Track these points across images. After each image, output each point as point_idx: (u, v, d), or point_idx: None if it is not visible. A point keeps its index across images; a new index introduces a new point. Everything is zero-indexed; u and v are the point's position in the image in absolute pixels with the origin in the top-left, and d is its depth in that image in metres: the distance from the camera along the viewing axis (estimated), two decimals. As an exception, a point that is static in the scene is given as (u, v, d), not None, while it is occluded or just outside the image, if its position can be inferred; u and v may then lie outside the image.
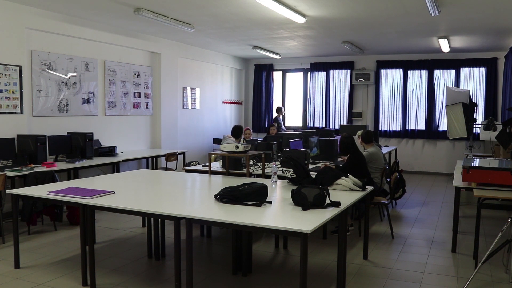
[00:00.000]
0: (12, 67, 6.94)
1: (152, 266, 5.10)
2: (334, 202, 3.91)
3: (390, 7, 7.00)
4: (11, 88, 6.95)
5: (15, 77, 7.00)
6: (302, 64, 13.78)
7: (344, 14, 7.53)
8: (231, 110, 13.81)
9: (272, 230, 3.46)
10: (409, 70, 12.55)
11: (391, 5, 6.91)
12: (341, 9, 7.22)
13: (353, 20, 8.00)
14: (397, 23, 8.28)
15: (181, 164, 9.55)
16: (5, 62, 6.83)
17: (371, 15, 7.59)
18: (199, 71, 12.05)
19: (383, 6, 6.99)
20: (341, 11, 7.35)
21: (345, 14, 7.53)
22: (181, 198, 4.75)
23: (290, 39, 10.16)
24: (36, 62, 7.44)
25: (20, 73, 7.07)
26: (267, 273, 4.85)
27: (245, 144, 5.89)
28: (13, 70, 6.96)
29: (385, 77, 12.85)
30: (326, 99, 13.38)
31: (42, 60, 7.54)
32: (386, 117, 12.90)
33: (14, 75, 6.98)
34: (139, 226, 6.62)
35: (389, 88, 12.83)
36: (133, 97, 9.64)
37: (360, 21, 8.09)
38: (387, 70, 12.81)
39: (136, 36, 9.43)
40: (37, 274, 4.74)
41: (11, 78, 6.93)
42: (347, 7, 7.05)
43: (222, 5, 6.99)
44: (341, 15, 7.64)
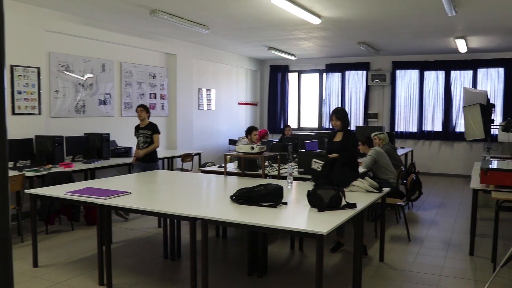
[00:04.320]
0: (30, 69, 7.03)
1: (168, 266, 5.13)
2: (350, 203, 3.90)
3: (406, 7, 6.96)
4: (30, 90, 7.03)
5: (33, 78, 7.08)
6: (318, 65, 13.74)
7: (360, 15, 7.49)
8: (246, 111, 13.82)
9: (287, 232, 3.46)
10: (425, 71, 12.45)
11: (407, 6, 6.87)
12: (357, 10, 7.19)
13: (369, 21, 7.97)
14: (413, 24, 8.22)
15: (196, 165, 9.57)
16: (24, 64, 6.92)
17: (387, 15, 7.55)
18: (215, 72, 12.08)
19: (399, 7, 6.95)
20: (357, 12, 7.32)
21: (361, 15, 7.50)
22: (197, 199, 4.77)
23: (305, 40, 10.14)
24: (54, 64, 7.52)
25: (38, 75, 7.15)
26: (282, 275, 4.84)
27: (260, 145, 5.90)
28: (31, 71, 7.04)
29: (401, 78, 12.76)
30: (342, 100, 13.33)
31: (59, 61, 7.62)
32: (402, 118, 12.81)
33: (32, 77, 7.06)
34: (155, 226, 6.65)
35: (405, 89, 12.74)
36: (149, 98, 9.69)
37: (376, 22, 8.05)
38: (403, 71, 12.72)
39: (152, 38, 9.48)
40: (54, 273, 4.79)
41: (29, 79, 7.02)
42: (362, 8, 7.02)
43: (237, 6, 7.01)
44: (357, 16, 7.61)
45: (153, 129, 7.22)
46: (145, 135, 7.17)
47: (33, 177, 6.15)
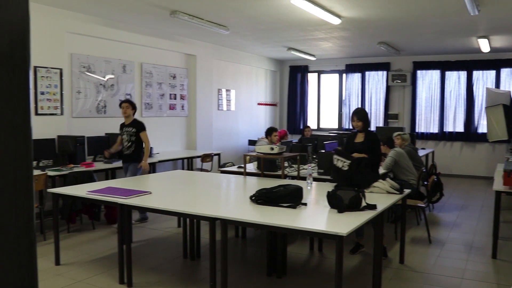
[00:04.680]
0: (53, 70, 7.12)
1: (187, 266, 5.15)
2: (370, 204, 3.87)
3: (428, 7, 6.88)
4: (52, 90, 7.13)
5: (56, 79, 7.18)
6: (337, 65, 13.67)
7: (380, 14, 7.44)
8: (266, 112, 13.82)
9: (307, 232, 3.45)
10: (447, 71, 12.29)
11: (429, 5, 6.79)
12: (377, 10, 7.14)
13: (389, 20, 7.90)
14: (434, 23, 8.13)
15: (216, 165, 9.61)
16: (47, 65, 7.02)
17: (407, 15, 7.48)
18: (234, 73, 12.11)
19: (420, 6, 6.88)
20: (377, 12, 7.27)
21: (381, 14, 7.44)
22: (216, 199, 4.78)
23: (325, 40, 10.11)
24: (76, 65, 7.61)
25: (60, 76, 7.25)
26: (301, 275, 4.83)
27: (280, 146, 5.89)
28: (54, 72, 7.14)
29: (422, 78, 12.63)
30: (362, 100, 13.24)
31: (81, 62, 7.71)
32: (423, 119, 12.67)
33: (55, 78, 7.16)
34: (175, 226, 6.69)
35: (426, 89, 12.60)
36: (169, 99, 9.75)
37: (397, 21, 7.99)
38: (424, 71, 12.58)
39: (172, 39, 9.54)
40: (76, 271, 4.85)
41: (52, 80, 7.12)
42: (383, 7, 6.97)
43: (257, 7, 7.01)
44: (377, 16, 7.55)
45: (139, 126, 6.71)
46: (129, 133, 6.68)
47: (55, 176, 6.24)
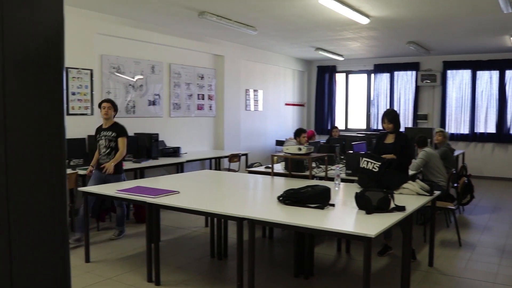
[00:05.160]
0: (83, 71, 7.25)
1: (215, 266, 5.18)
2: (399, 206, 3.83)
3: (458, 5, 6.77)
4: (83, 91, 7.26)
5: (86, 80, 7.30)
6: (366, 65, 13.55)
7: (409, 13, 7.34)
8: (293, 112, 13.79)
9: (335, 233, 3.43)
10: (478, 70, 12.05)
11: (460, 3, 6.68)
12: (406, 9, 7.05)
13: (419, 19, 7.80)
14: (465, 22, 7.99)
15: (243, 165, 9.63)
16: (78, 66, 7.14)
17: (437, 14, 7.37)
18: (262, 73, 12.11)
19: (450, 5, 6.76)
20: (406, 11, 7.18)
21: (410, 13, 7.34)
22: (244, 199, 4.79)
23: (353, 40, 10.03)
24: (106, 66, 7.73)
25: (91, 76, 7.37)
26: (329, 277, 4.80)
27: (308, 146, 5.87)
28: (84, 73, 7.27)
29: (452, 78, 12.41)
30: (390, 101, 13.10)
31: (111, 63, 7.82)
32: (453, 120, 12.46)
33: (85, 78, 7.29)
34: (202, 225, 6.73)
35: (456, 89, 12.38)
36: (197, 99, 9.82)
37: (426, 20, 7.87)
38: (455, 71, 12.37)
39: (200, 39, 9.60)
40: (105, 268, 4.92)
41: (83, 81, 7.24)
42: (412, 6, 6.88)
43: (285, 7, 7.00)
44: (406, 15, 7.46)
45: (119, 130, 5.92)
46: (108, 137, 5.88)
47: (86, 175, 6.34)
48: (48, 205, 0.91)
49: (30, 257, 0.89)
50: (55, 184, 0.92)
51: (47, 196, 0.91)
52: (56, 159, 0.91)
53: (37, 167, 0.89)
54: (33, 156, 0.87)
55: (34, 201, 0.89)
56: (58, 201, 0.93)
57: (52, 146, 0.90)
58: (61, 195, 0.94)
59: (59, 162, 0.92)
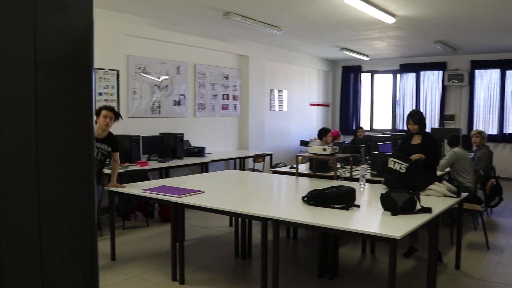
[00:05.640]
0: (110, 71, 7.35)
1: (239, 265, 5.19)
2: (425, 207, 3.78)
3: (487, 2, 6.64)
4: (109, 91, 7.36)
5: (113, 80, 7.40)
6: (391, 65, 13.41)
7: (436, 12, 7.24)
8: (318, 112, 13.74)
9: (360, 235, 3.41)
10: (507, 70, 11.80)
11: (488, 1, 6.56)
12: (433, 8, 6.95)
13: (446, 18, 7.68)
14: (494, 20, 7.84)
15: (268, 165, 9.63)
16: (104, 67, 7.24)
17: (465, 12, 7.25)
18: (286, 73, 12.10)
19: (478, 2, 6.64)
20: (433, 10, 7.08)
21: (437, 12, 7.24)
22: (268, 199, 4.80)
23: (378, 40, 9.95)
24: (132, 66, 7.82)
25: (117, 77, 7.47)
26: (353, 278, 4.77)
27: (332, 147, 5.85)
28: (111, 74, 7.37)
29: (480, 78, 12.19)
30: (416, 101, 12.94)
31: (137, 64, 7.91)
32: (481, 120, 12.23)
33: (112, 79, 7.39)
34: (227, 225, 6.75)
35: (484, 89, 12.15)
36: (221, 99, 9.86)
37: (453, 19, 7.75)
38: (483, 71, 12.14)
39: (225, 40, 9.64)
40: (131, 266, 4.98)
41: (109, 81, 7.34)
42: (439, 5, 6.78)
43: (310, 7, 6.98)
44: (433, 14, 7.36)
45: (116, 145, 5.34)
46: (103, 151, 5.26)
47: (112, 174, 6.43)
48: (77, 203, 0.93)
49: (60, 254, 0.90)
50: (84, 182, 0.94)
51: (76, 194, 0.92)
52: (85, 158, 0.93)
53: (67, 166, 0.90)
54: (64, 155, 0.89)
55: (64, 199, 0.91)
56: (86, 199, 0.95)
57: (81, 146, 0.92)
58: (89, 193, 0.96)
59: (88, 161, 0.94)
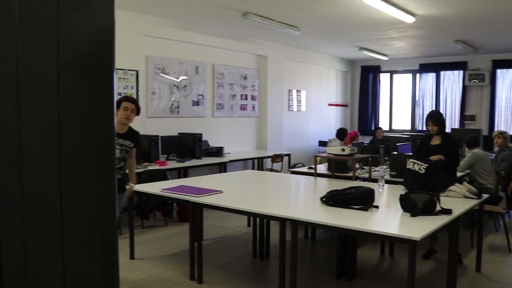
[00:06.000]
0: (130, 72, 7.41)
1: (257, 265, 5.19)
2: (445, 209, 3.74)
3: (509, 0, 6.54)
4: (129, 91, 7.42)
5: (132, 80, 7.46)
6: (411, 65, 13.29)
7: (457, 11, 7.15)
8: (336, 113, 13.68)
9: (379, 236, 3.39)
10: (530, 70, 11.63)
11: None
12: (454, 6, 6.87)
13: (467, 17, 7.58)
14: (517, 20, 7.73)
15: (286, 165, 9.62)
16: (124, 67, 7.30)
17: (487, 11, 7.14)
18: (305, 73, 12.07)
19: (500, 0, 6.55)
20: (454, 9, 7.00)
21: (458, 11, 7.15)
22: (287, 199, 4.79)
23: (398, 39, 9.87)
24: (151, 67, 7.88)
25: (136, 77, 7.53)
26: (372, 279, 4.74)
27: (351, 147, 5.82)
28: (130, 74, 7.43)
29: (502, 77, 12.01)
30: (436, 101, 12.79)
31: (156, 64, 7.97)
32: (503, 121, 12.05)
33: (131, 79, 7.45)
34: (245, 225, 6.75)
35: (506, 89, 11.96)
36: (240, 99, 9.87)
37: (475, 18, 7.65)
38: (505, 70, 11.95)
39: (243, 40, 9.65)
40: (149, 265, 5.01)
41: (128, 82, 7.41)
42: (460, 3, 6.70)
43: (328, 7, 6.96)
44: (454, 13, 7.27)
45: (138, 139, 4.84)
46: (126, 148, 4.66)
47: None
48: (98, 201, 0.94)
49: (81, 252, 0.91)
50: (105, 181, 0.95)
51: (98, 193, 0.93)
52: (106, 157, 0.94)
53: (88, 165, 0.91)
54: (85, 154, 0.90)
55: (85, 197, 0.92)
56: (107, 198, 0.96)
57: (102, 145, 0.93)
58: (110, 192, 0.97)
59: (109, 160, 0.95)
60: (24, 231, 0.83)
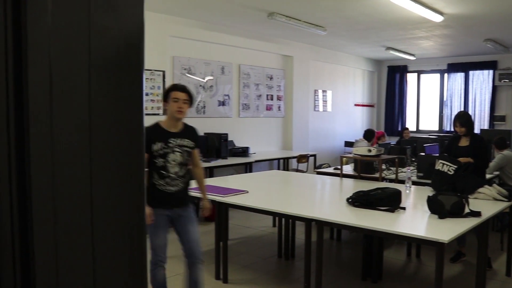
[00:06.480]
0: (156, 72, 7.49)
1: (282, 266, 5.19)
2: (474, 211, 3.68)
3: (542, 1, 6.41)
4: (155, 92, 7.50)
5: (159, 81, 7.54)
6: (439, 65, 13.10)
7: (487, 9, 7.02)
8: (363, 113, 13.58)
9: (405, 237, 3.35)
10: (563, 69, 11.35)
11: (543, -1, 6.32)
12: (483, 4, 6.75)
13: (497, 15, 7.43)
14: (549, 18, 7.55)
15: (312, 166, 9.59)
16: (151, 68, 7.38)
17: (519, 10, 7.01)
18: (331, 73, 12.01)
19: (533, 0, 6.42)
20: (483, 7, 6.87)
21: (488, 9, 7.02)
22: (312, 200, 4.78)
23: (425, 39, 9.74)
24: (178, 67, 7.95)
25: (163, 78, 7.60)
26: (398, 281, 4.70)
27: (378, 148, 5.77)
28: (157, 74, 7.51)
29: (533, 77, 11.76)
30: (465, 102, 12.58)
31: (182, 65, 8.03)
32: (535, 122, 11.80)
33: (158, 79, 7.52)
34: (270, 225, 6.76)
35: (538, 89, 11.71)
36: (265, 100, 9.88)
37: (505, 16, 7.49)
38: (537, 70, 11.71)
39: (269, 40, 9.66)
40: (175, 264, 5.05)
41: (155, 82, 7.48)
42: (489, 1, 6.57)
43: (355, 6, 6.91)
44: (483, 11, 7.14)
45: (197, 137, 3.88)
46: (187, 149, 3.69)
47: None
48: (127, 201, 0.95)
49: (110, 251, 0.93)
50: (135, 181, 0.97)
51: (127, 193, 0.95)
52: (136, 157, 0.96)
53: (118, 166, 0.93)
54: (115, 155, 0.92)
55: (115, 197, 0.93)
56: (137, 197, 0.97)
57: (132, 145, 0.95)
58: (139, 192, 0.98)
59: (138, 160, 0.96)
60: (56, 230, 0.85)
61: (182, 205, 3.75)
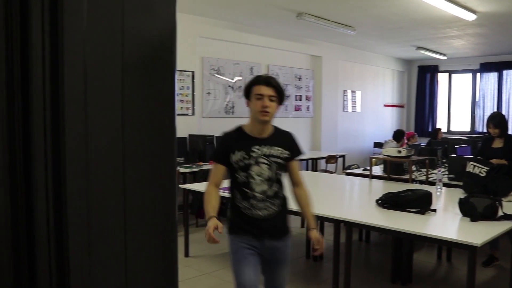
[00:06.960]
0: (186, 73, 7.55)
1: (310, 267, 5.18)
2: (508, 214, 3.60)
3: None
4: (185, 92, 7.56)
5: (188, 81, 7.60)
6: (471, 64, 12.85)
7: (523, 9, 6.88)
8: (392, 113, 13.43)
9: (436, 240, 3.30)
10: None
11: None
12: (519, 4, 6.61)
13: (533, 15, 7.28)
14: None
15: (340, 167, 9.53)
16: (180, 68, 7.45)
17: (555, 8, 6.83)
18: (360, 73, 11.92)
19: None
20: (519, 6, 6.73)
21: (524, 9, 6.88)
22: (341, 201, 4.75)
23: (457, 38, 9.57)
24: (207, 68, 8.00)
25: (192, 78, 7.66)
26: (428, 285, 4.63)
27: (407, 149, 5.70)
28: (186, 75, 7.57)
29: None
30: (498, 102, 12.31)
31: (211, 65, 8.08)
32: None
33: (187, 80, 7.59)
34: (298, 226, 6.73)
35: None
36: (294, 100, 9.86)
37: (542, 16, 7.33)
38: None
39: (297, 40, 9.63)
40: (203, 263, 5.09)
41: (185, 82, 7.55)
42: (526, 1, 6.44)
43: (385, 6, 6.84)
44: (519, 10, 6.99)
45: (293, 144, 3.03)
46: (277, 160, 2.85)
47: (186, 173, 6.59)
48: (159, 200, 0.96)
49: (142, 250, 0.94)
50: (166, 180, 0.98)
51: (159, 192, 0.96)
52: (167, 157, 0.97)
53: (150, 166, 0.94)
54: (147, 155, 0.93)
55: (147, 196, 0.94)
56: (168, 196, 0.98)
57: (164, 145, 0.96)
58: (171, 192, 0.99)
59: (170, 160, 0.97)
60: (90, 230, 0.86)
61: (275, 236, 2.84)
